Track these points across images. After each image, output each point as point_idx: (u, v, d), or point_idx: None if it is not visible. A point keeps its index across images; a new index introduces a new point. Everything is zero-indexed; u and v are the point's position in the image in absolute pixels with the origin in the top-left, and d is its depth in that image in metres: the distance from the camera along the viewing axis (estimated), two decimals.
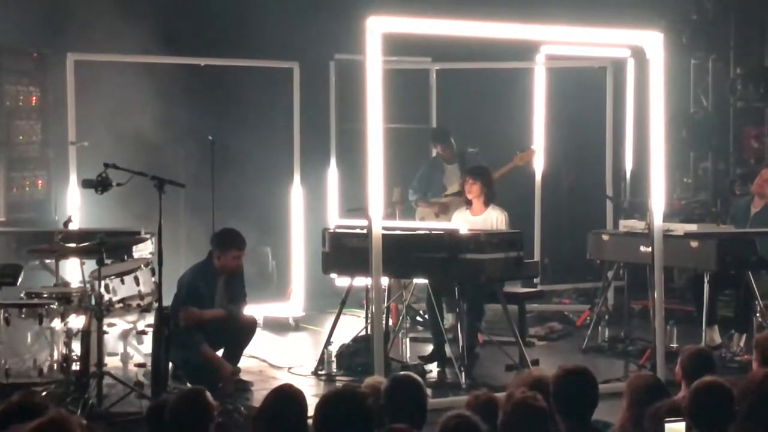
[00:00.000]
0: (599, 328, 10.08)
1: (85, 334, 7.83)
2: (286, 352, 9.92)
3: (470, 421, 4.66)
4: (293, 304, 11.34)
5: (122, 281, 8.22)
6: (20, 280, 8.25)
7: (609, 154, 12.13)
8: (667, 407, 5.00)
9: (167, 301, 8.16)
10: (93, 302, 7.85)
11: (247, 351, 8.99)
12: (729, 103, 12.74)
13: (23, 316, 7.69)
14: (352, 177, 11.22)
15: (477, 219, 9.44)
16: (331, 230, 9.31)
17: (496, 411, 4.97)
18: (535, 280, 10.66)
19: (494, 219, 9.41)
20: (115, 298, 8.09)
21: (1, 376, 7.55)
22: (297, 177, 11.36)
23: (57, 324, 7.74)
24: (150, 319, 8.42)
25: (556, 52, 11.71)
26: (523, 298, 9.73)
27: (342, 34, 10.85)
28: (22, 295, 8.03)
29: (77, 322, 7.89)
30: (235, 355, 8.74)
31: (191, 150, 11.59)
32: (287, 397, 4.99)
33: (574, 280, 12.39)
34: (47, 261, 9.02)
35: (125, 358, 8.90)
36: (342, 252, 9.05)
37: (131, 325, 8.85)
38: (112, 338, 8.73)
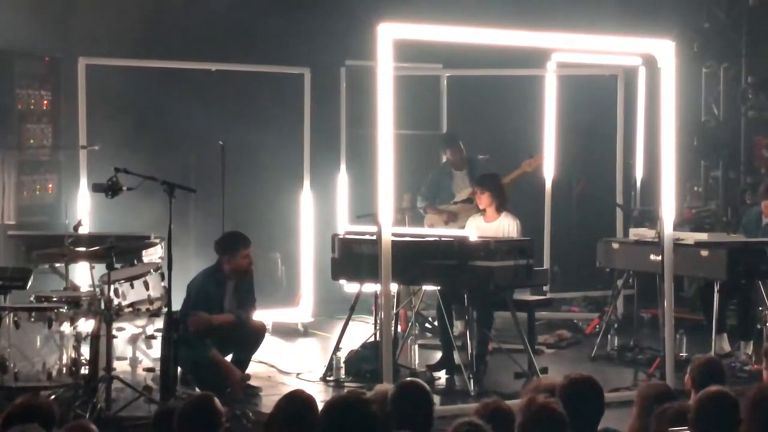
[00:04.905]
0: (608, 336, 10.06)
1: (94, 338, 7.84)
2: (294, 357, 9.92)
3: (481, 429, 4.65)
4: (302, 310, 11.33)
5: (132, 285, 8.22)
6: (30, 283, 8.26)
7: (619, 162, 12.12)
8: (675, 410, 4.99)
9: (177, 306, 8.17)
10: (102, 306, 7.86)
11: (255, 356, 9.00)
12: (740, 112, 12.71)
13: (33, 319, 7.70)
14: (362, 183, 11.22)
15: (490, 226, 9.43)
16: (341, 236, 9.31)
17: (506, 419, 4.96)
18: (544, 288, 10.64)
19: (506, 226, 9.40)
20: (124, 303, 8.10)
21: (10, 380, 7.55)
22: (307, 182, 11.36)
23: (66, 328, 7.74)
24: (159, 323, 8.42)
25: (567, 59, 11.70)
26: (533, 305, 9.70)
27: (353, 40, 10.87)
28: (31, 298, 8.04)
29: (86, 326, 7.89)
30: (243, 360, 8.75)
31: (202, 155, 11.60)
32: (299, 402, 5.01)
33: (583, 288, 12.37)
34: (57, 265, 9.03)
35: (134, 362, 8.91)
36: (351, 258, 9.04)
37: (140, 330, 8.85)
38: (121, 342, 8.73)
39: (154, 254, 9.23)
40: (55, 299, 7.97)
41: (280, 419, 4.98)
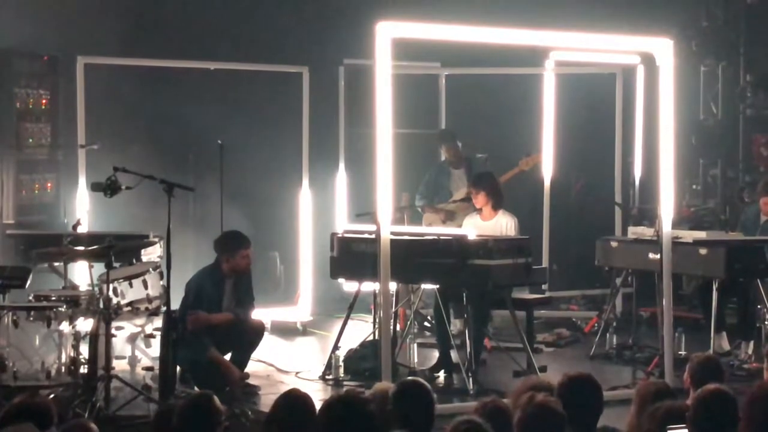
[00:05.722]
0: (607, 335, 10.06)
1: (93, 337, 7.83)
2: (293, 356, 9.92)
3: (480, 428, 4.66)
4: (301, 309, 11.33)
5: (130, 284, 8.22)
6: (29, 282, 8.25)
7: (618, 160, 12.12)
8: (666, 409, 5.00)
9: (175, 305, 8.17)
10: (101, 305, 7.85)
11: (254, 355, 9.00)
12: (739, 111, 12.72)
13: (31, 318, 7.69)
14: (360, 182, 11.22)
15: (487, 224, 9.42)
16: (340, 235, 9.31)
17: (505, 418, 4.97)
18: (543, 287, 10.64)
19: (504, 224, 9.40)
20: (123, 302, 8.09)
21: (9, 379, 7.54)
22: (306, 181, 11.36)
23: (65, 327, 7.74)
24: (158, 322, 8.43)
25: (565, 58, 11.70)
26: (531, 304, 9.70)
27: (351, 39, 10.87)
28: (30, 297, 8.03)
29: (85, 325, 7.89)
30: (242, 359, 8.76)
31: (200, 154, 11.61)
32: (296, 401, 5.02)
33: (582, 286, 12.38)
34: (56, 264, 9.02)
35: (133, 361, 8.91)
36: (350, 257, 9.05)
37: (139, 329, 8.85)
38: (120, 341, 8.72)
39: (152, 253, 9.23)
40: (53, 298, 7.96)
41: (278, 418, 4.99)
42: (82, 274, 9.13)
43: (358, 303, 9.45)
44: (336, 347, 9.14)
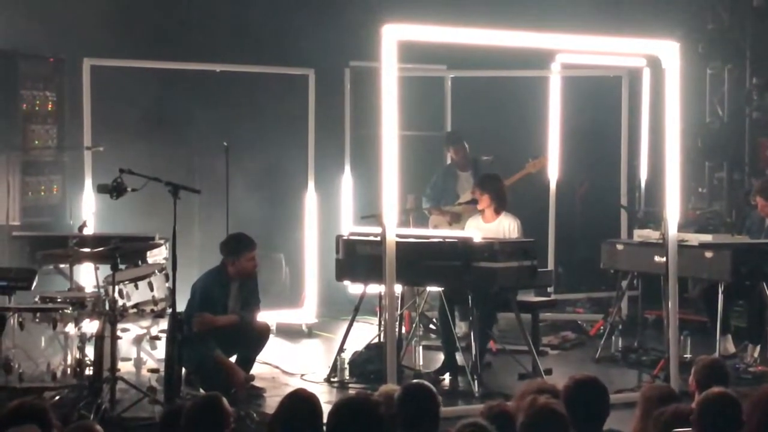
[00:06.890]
0: (613, 337, 10.06)
1: (98, 339, 7.85)
2: (298, 358, 9.92)
3: (486, 430, 4.66)
4: (306, 311, 11.34)
5: (136, 286, 8.23)
6: (34, 284, 8.26)
7: (624, 163, 12.10)
8: (671, 413, 5.00)
9: (181, 307, 8.19)
10: (107, 307, 7.86)
11: (259, 357, 9.00)
12: (745, 113, 12.70)
13: (37, 320, 7.71)
14: (366, 184, 11.23)
15: (489, 227, 9.42)
16: (345, 237, 9.31)
17: (511, 421, 4.97)
18: (548, 289, 10.64)
19: (506, 226, 9.40)
20: (128, 303, 8.11)
21: (14, 380, 7.57)
22: (311, 183, 11.37)
23: (71, 329, 7.76)
24: (163, 324, 8.44)
25: (571, 60, 11.70)
26: (537, 307, 9.71)
27: (357, 41, 10.88)
28: (36, 299, 8.05)
29: (91, 326, 7.90)
30: (247, 361, 8.76)
31: (206, 156, 11.62)
32: (302, 401, 5.03)
33: (587, 289, 12.36)
34: (62, 266, 9.03)
35: (138, 363, 8.92)
36: (355, 259, 9.05)
37: (145, 331, 8.87)
38: (125, 343, 8.74)
39: (158, 255, 9.23)
40: (59, 300, 7.98)
41: (283, 418, 4.99)
42: (87, 275, 9.14)
43: (364, 305, 9.46)
44: (341, 350, 9.15)
